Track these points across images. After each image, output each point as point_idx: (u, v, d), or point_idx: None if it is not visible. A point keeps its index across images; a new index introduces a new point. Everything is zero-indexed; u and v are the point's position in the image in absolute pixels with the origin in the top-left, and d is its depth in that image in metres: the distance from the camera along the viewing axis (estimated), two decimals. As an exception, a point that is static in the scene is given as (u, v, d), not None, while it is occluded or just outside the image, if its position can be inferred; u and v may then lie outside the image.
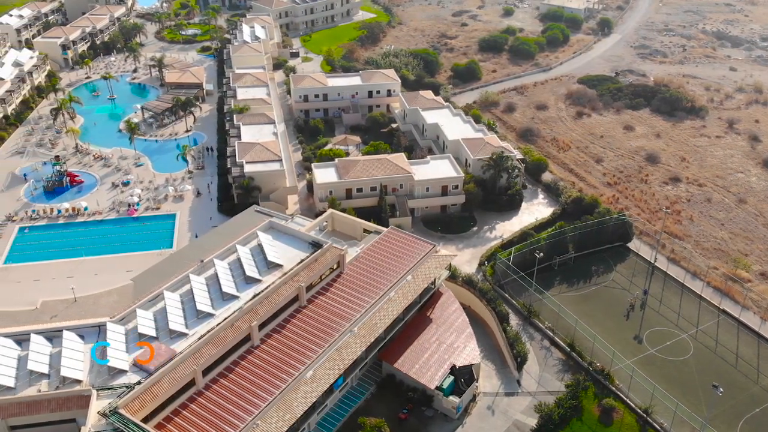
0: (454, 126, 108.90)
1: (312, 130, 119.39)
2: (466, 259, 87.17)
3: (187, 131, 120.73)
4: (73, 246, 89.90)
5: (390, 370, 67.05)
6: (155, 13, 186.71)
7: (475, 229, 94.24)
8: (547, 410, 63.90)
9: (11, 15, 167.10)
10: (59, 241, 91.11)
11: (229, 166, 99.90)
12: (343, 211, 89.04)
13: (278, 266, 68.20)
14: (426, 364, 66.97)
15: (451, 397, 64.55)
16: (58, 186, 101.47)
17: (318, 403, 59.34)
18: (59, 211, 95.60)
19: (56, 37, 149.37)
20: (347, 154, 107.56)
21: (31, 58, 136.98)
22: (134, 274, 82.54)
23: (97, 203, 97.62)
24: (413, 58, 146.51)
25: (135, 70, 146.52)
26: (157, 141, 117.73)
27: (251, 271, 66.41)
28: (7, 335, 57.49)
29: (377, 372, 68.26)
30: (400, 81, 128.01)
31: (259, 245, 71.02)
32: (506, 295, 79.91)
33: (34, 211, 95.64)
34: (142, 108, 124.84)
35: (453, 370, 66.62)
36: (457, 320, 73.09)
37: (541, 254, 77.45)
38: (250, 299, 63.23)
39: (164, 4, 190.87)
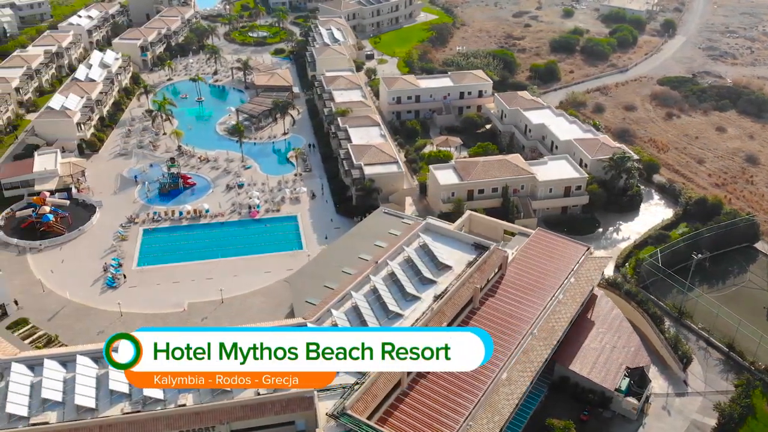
0: (561, 126, 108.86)
1: (408, 131, 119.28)
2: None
3: (285, 134, 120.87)
4: (202, 248, 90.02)
5: (564, 372, 66.92)
6: (218, 15, 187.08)
7: (600, 230, 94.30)
8: (728, 409, 63.96)
9: (80, 16, 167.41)
10: (187, 243, 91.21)
11: (346, 168, 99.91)
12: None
13: (448, 267, 68.28)
14: (600, 365, 66.99)
15: (629, 398, 64.68)
16: (173, 188, 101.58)
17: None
18: (181, 213, 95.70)
19: (134, 38, 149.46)
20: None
21: (116, 59, 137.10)
22: (272, 275, 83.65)
23: (219, 205, 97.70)
24: (493, 59, 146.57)
25: (215, 72, 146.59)
26: (255, 143, 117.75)
27: (426, 272, 66.51)
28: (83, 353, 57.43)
29: (548, 374, 68.21)
30: (491, 82, 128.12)
31: (423, 246, 71.09)
32: (652, 297, 79.83)
33: (155, 213, 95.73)
34: (237, 110, 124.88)
35: (626, 371, 66.75)
36: (617, 321, 73.02)
37: (699, 255, 77.39)
38: (433, 300, 63.47)
39: (226, 6, 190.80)
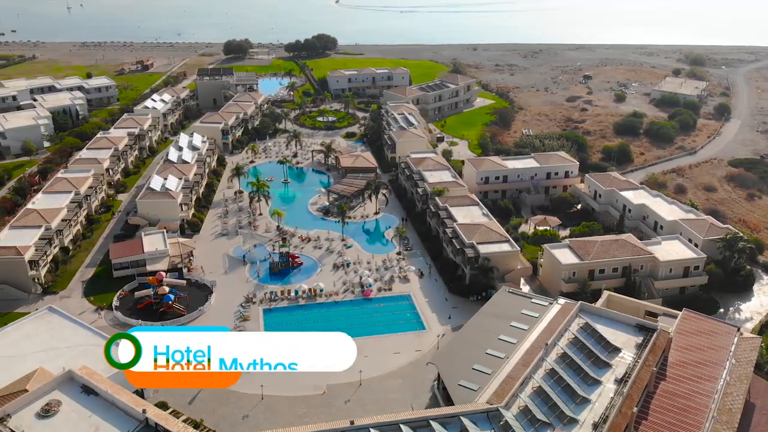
0: (661, 207, 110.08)
1: (501, 210, 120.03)
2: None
3: (376, 213, 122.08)
4: (324, 327, 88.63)
5: (741, 458, 64.93)
6: (282, 100, 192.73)
7: (721, 311, 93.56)
8: None
9: (154, 100, 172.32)
10: (308, 323, 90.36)
11: (457, 247, 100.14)
12: (593, 293, 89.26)
13: (617, 350, 67.39)
14: (779, 451, 65.10)
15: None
16: (284, 267, 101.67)
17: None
18: (296, 292, 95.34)
19: (215, 122, 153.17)
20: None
21: (203, 142, 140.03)
22: (402, 357, 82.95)
23: (333, 284, 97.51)
24: (566, 141, 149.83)
25: (295, 155, 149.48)
26: (347, 223, 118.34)
27: (601, 354, 65.59)
28: (405, 422, 56.17)
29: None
30: (578, 163, 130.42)
31: (585, 328, 70.29)
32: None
33: (272, 292, 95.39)
34: (328, 191, 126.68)
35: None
36: (777, 404, 71.52)
37: None
38: (615, 384, 62.35)
39: (290, 93, 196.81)
